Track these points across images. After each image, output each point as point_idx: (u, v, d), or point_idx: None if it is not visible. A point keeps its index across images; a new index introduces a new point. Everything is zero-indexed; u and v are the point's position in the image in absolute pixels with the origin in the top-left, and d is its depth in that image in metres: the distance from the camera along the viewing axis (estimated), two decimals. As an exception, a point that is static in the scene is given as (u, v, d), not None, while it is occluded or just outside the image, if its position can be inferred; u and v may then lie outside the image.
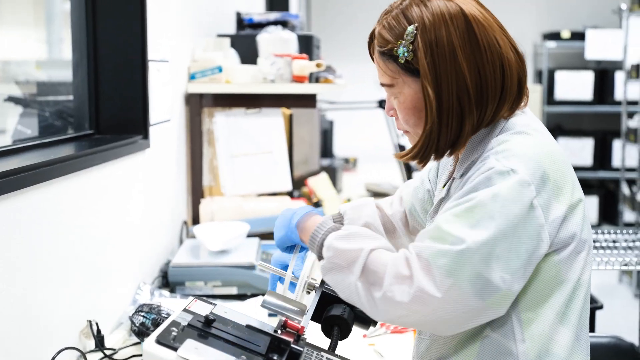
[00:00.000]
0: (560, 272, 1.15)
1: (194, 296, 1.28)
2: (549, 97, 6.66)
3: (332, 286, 1.17)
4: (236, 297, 2.08)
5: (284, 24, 2.99)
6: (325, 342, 1.23)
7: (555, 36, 6.68)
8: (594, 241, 2.51)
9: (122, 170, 1.91)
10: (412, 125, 1.24)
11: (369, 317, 1.28)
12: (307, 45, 2.83)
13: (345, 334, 1.25)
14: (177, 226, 2.46)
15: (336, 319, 1.24)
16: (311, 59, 2.79)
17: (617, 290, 5.34)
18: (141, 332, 1.69)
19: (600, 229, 2.64)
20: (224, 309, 1.24)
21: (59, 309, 1.55)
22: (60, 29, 2.25)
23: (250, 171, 2.65)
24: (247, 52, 2.80)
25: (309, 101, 2.65)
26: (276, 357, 1.13)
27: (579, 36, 6.60)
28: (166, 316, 1.68)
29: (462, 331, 1.15)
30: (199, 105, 2.58)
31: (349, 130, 6.17)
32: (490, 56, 1.18)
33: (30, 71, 2.27)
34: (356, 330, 1.29)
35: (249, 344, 1.14)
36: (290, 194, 2.76)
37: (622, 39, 5.73)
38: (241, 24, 3.09)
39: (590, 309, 1.23)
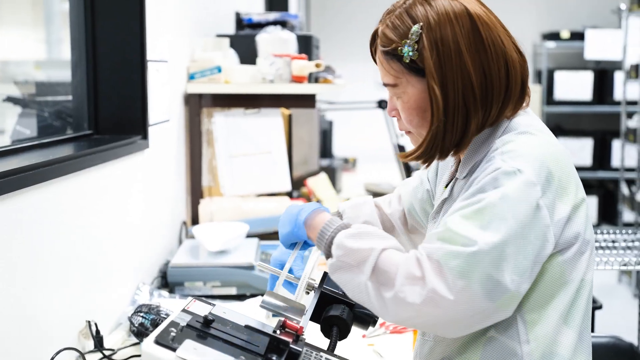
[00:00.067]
0: (564, 272, 1.15)
1: (193, 296, 1.28)
2: (549, 97, 6.66)
3: (340, 285, 1.16)
4: (235, 298, 2.08)
5: (283, 24, 2.98)
6: (324, 343, 1.23)
7: (554, 36, 6.68)
8: (594, 241, 2.50)
9: (121, 170, 1.91)
10: (416, 125, 1.24)
11: (368, 318, 1.28)
12: (306, 45, 2.83)
13: (344, 334, 1.25)
14: (176, 226, 2.46)
15: (335, 319, 1.24)
16: (310, 59, 2.79)
17: (616, 290, 5.34)
18: (140, 333, 1.69)
19: (599, 229, 2.64)
20: (222, 310, 1.24)
21: (57, 309, 1.55)
22: (59, 29, 2.25)
23: (249, 171, 2.65)
24: (246, 52, 2.80)
25: (308, 101, 2.65)
26: (275, 358, 1.13)
27: (578, 36, 6.60)
28: (165, 316, 1.68)
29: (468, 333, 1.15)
30: (198, 105, 2.58)
31: (348, 130, 6.16)
32: (495, 55, 1.18)
33: (29, 71, 2.27)
34: (355, 330, 1.29)
35: (248, 345, 1.14)
36: (289, 195, 2.76)
37: (621, 39, 5.73)
38: (240, 24, 3.09)
39: (589, 309, 1.23)
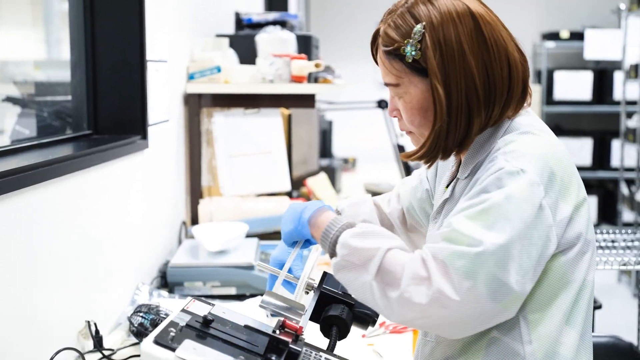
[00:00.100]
0: (566, 272, 1.15)
1: (192, 296, 1.28)
2: (548, 97, 6.66)
3: (345, 284, 1.15)
4: (235, 298, 2.08)
5: (282, 24, 2.98)
6: (323, 342, 1.23)
7: (554, 36, 6.68)
8: (593, 241, 2.50)
9: (120, 170, 1.90)
10: (417, 125, 1.23)
11: (367, 317, 1.28)
12: (305, 45, 2.83)
13: (343, 334, 1.25)
14: (176, 226, 2.46)
15: (335, 319, 1.24)
16: (310, 59, 2.79)
17: (616, 289, 5.34)
18: (140, 333, 1.69)
19: (599, 229, 2.64)
20: (222, 309, 1.24)
21: (57, 309, 1.54)
22: (58, 29, 2.25)
23: (249, 171, 2.65)
24: (246, 52, 2.80)
25: (307, 101, 2.65)
26: (274, 358, 1.13)
27: (578, 36, 6.60)
28: (165, 317, 1.68)
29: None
30: (197, 105, 2.58)
31: (348, 130, 6.16)
32: (497, 55, 1.18)
33: (28, 71, 2.26)
34: (355, 330, 1.29)
35: (248, 345, 1.14)
36: (289, 194, 2.76)
37: (621, 38, 5.73)
38: (240, 24, 3.08)
39: (589, 309, 1.23)
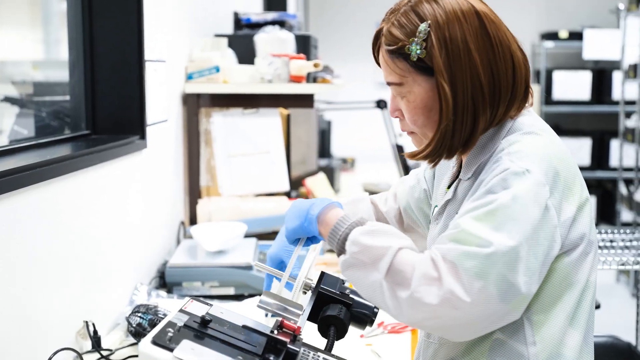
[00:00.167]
0: (570, 273, 1.15)
1: (191, 297, 1.28)
2: (547, 97, 6.66)
3: (352, 283, 1.14)
4: (233, 298, 2.08)
5: (281, 24, 2.98)
6: (322, 342, 1.23)
7: (553, 36, 6.69)
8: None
9: (119, 170, 1.90)
10: (420, 125, 1.22)
11: (365, 317, 1.27)
12: (304, 45, 2.83)
13: (341, 334, 1.25)
14: (175, 226, 2.46)
15: (333, 319, 1.24)
16: (309, 59, 2.79)
17: (614, 289, 5.34)
18: (138, 333, 1.69)
19: (597, 229, 2.64)
20: (220, 310, 1.24)
21: (55, 309, 1.54)
22: (57, 30, 2.25)
23: (247, 171, 2.65)
24: (245, 52, 2.80)
25: (306, 101, 2.65)
26: (272, 358, 1.12)
27: (576, 36, 6.60)
28: (163, 317, 1.68)
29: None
30: (196, 105, 2.58)
31: (346, 130, 6.16)
32: (502, 53, 1.18)
33: (26, 71, 2.26)
34: (353, 330, 1.29)
35: (246, 345, 1.14)
36: (287, 194, 2.76)
37: (619, 38, 5.73)
38: (239, 23, 3.08)
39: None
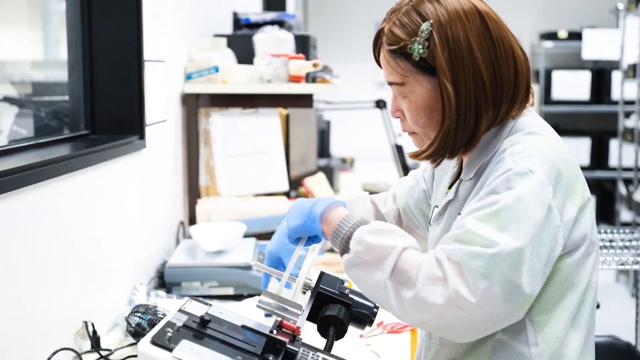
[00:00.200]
0: (572, 274, 1.14)
1: (190, 297, 1.28)
2: (546, 96, 6.66)
3: (355, 282, 1.14)
4: (233, 298, 2.07)
5: (280, 23, 2.98)
6: (321, 342, 1.23)
7: (552, 36, 6.69)
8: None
9: (118, 170, 1.90)
10: (422, 125, 1.22)
11: (365, 317, 1.27)
12: (303, 45, 2.83)
13: (341, 334, 1.25)
14: (174, 226, 2.46)
15: (332, 319, 1.24)
16: (308, 58, 2.78)
17: (613, 289, 5.34)
18: (137, 333, 1.68)
19: (597, 229, 2.64)
20: (219, 310, 1.24)
21: (54, 309, 1.54)
22: (56, 30, 2.24)
23: (246, 171, 2.64)
24: (244, 52, 2.80)
25: (305, 101, 2.65)
26: (272, 358, 1.12)
27: (576, 36, 6.60)
28: (162, 317, 1.68)
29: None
30: (195, 105, 2.58)
31: (346, 130, 6.16)
32: (504, 53, 1.18)
33: (26, 71, 2.26)
34: (352, 330, 1.29)
35: (245, 345, 1.14)
36: (287, 194, 2.76)
37: (619, 38, 5.73)
38: (238, 23, 3.08)
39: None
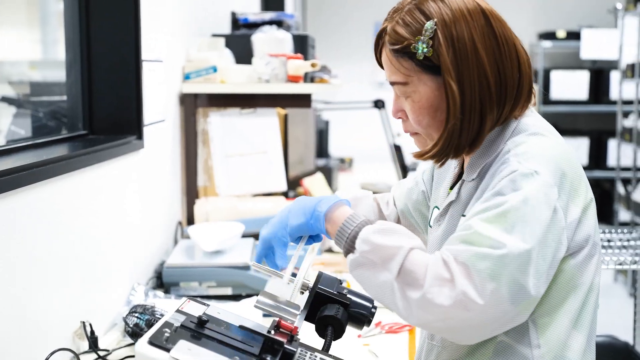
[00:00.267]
0: (575, 276, 1.14)
1: (188, 297, 1.28)
2: (545, 96, 6.66)
3: (360, 283, 1.13)
4: (231, 298, 2.07)
5: (279, 23, 2.98)
6: (319, 343, 1.23)
7: (550, 36, 6.69)
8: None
9: (116, 170, 1.90)
10: (425, 126, 1.21)
11: (363, 317, 1.27)
12: (302, 45, 2.83)
13: (339, 334, 1.25)
14: (172, 227, 2.46)
15: (330, 319, 1.23)
16: (306, 58, 2.78)
17: (612, 289, 5.34)
18: (135, 333, 1.68)
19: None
20: (217, 310, 1.24)
21: (52, 309, 1.54)
22: (54, 30, 2.24)
23: (245, 171, 2.64)
24: (242, 52, 2.80)
25: (304, 101, 2.65)
26: (269, 358, 1.12)
27: (574, 36, 6.61)
28: (160, 317, 1.68)
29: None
30: (193, 105, 2.58)
31: (344, 130, 6.17)
32: (508, 52, 1.18)
33: (24, 71, 2.26)
34: (350, 330, 1.29)
35: (243, 345, 1.14)
36: (285, 194, 2.76)
37: (617, 38, 5.74)
38: (236, 23, 3.08)
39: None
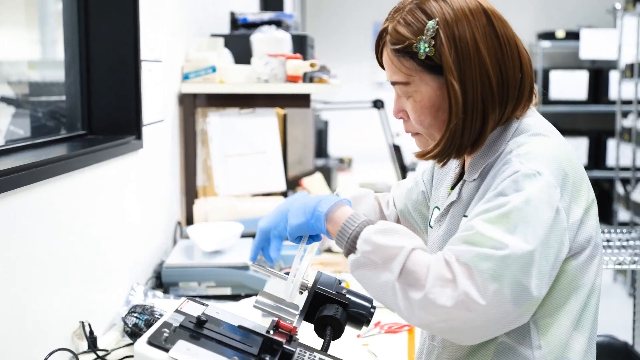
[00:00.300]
0: (576, 277, 1.14)
1: (187, 297, 1.28)
2: (544, 96, 6.66)
3: (361, 283, 1.12)
4: (230, 298, 2.07)
5: (278, 23, 2.98)
6: (318, 342, 1.23)
7: (549, 36, 6.69)
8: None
9: (115, 170, 1.90)
10: (427, 126, 1.21)
11: (362, 317, 1.27)
12: (301, 45, 2.83)
13: (338, 334, 1.24)
14: (171, 227, 2.46)
15: (329, 319, 1.23)
16: (305, 58, 2.78)
17: (611, 289, 5.35)
18: (134, 333, 1.68)
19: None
20: (216, 310, 1.24)
21: (51, 309, 1.54)
22: (53, 30, 2.24)
23: (244, 171, 2.64)
24: (241, 52, 2.79)
25: (303, 101, 2.65)
26: (268, 358, 1.12)
27: (573, 36, 6.61)
28: (159, 317, 1.68)
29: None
30: (192, 105, 2.58)
31: (343, 130, 6.17)
32: (510, 52, 1.17)
33: (23, 71, 2.26)
34: (350, 330, 1.29)
35: (241, 345, 1.14)
36: (284, 194, 2.76)
37: (616, 38, 5.74)
38: (235, 23, 3.08)
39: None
